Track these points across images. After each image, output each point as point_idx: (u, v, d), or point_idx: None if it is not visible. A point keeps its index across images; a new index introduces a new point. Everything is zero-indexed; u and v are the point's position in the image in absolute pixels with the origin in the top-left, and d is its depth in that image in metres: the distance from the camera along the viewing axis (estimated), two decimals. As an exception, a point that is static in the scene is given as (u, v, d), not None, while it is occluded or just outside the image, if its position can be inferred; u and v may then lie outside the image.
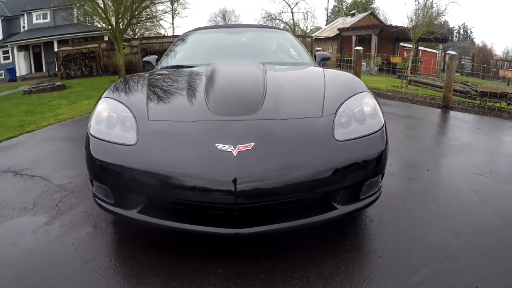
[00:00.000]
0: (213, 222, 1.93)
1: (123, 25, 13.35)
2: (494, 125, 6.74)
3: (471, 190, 3.27)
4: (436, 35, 13.26)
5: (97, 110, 2.33)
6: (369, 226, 2.53)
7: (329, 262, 2.09)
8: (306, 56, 3.80)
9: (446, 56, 8.45)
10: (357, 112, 2.25)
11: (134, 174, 1.96)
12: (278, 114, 2.13)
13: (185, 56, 3.83)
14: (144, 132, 2.07)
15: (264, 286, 1.90)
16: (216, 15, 51.17)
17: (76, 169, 3.63)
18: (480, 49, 42.78)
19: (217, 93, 2.33)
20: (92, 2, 12.80)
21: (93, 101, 8.16)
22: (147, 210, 2.02)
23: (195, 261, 2.09)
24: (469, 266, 2.11)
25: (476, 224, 2.61)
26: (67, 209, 2.81)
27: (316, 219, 1.99)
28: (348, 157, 2.04)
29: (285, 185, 1.89)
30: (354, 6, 46.72)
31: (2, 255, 2.21)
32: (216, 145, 1.91)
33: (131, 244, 2.30)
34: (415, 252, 2.22)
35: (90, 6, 13.08)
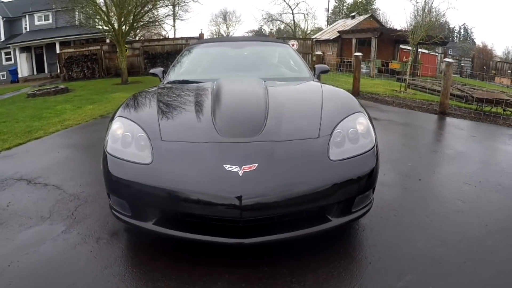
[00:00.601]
0: (220, 232, 2.16)
1: (125, 28, 13.51)
2: (489, 132, 6.84)
3: (459, 199, 3.44)
4: (435, 40, 13.41)
5: (112, 128, 2.55)
6: (361, 235, 2.74)
7: (323, 268, 2.32)
8: (305, 70, 4.00)
9: (443, 63, 8.60)
10: (351, 132, 2.47)
11: (150, 190, 2.18)
12: (279, 135, 2.36)
13: (191, 70, 4.05)
14: (158, 152, 2.29)
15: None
16: (217, 16, 51.30)
17: (87, 178, 3.82)
18: (480, 50, 42.90)
19: (223, 115, 2.54)
20: (94, 5, 12.97)
21: (97, 106, 8.44)
22: (161, 222, 2.25)
23: (203, 267, 2.32)
24: (452, 272, 2.31)
25: (462, 233, 2.80)
26: (83, 218, 2.99)
27: (313, 230, 2.23)
28: (341, 175, 2.27)
29: (285, 201, 2.13)
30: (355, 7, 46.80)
31: (25, 263, 2.39)
32: (224, 166, 2.13)
33: (145, 252, 2.50)
34: (403, 259, 2.43)
35: (92, 9, 13.25)
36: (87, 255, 2.47)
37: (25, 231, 2.82)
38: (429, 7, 12.36)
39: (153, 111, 2.68)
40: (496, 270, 2.36)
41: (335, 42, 27.91)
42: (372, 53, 21.49)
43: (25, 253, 2.50)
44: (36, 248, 2.56)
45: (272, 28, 45.33)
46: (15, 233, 2.78)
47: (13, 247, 2.58)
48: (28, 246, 2.59)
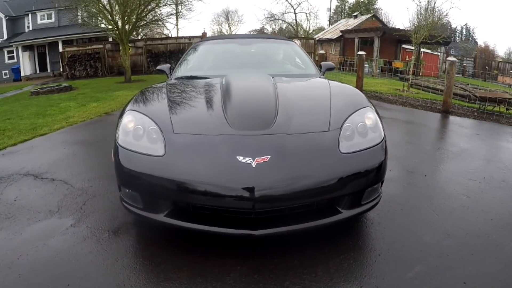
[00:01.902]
0: (232, 224, 2.19)
1: (129, 27, 13.54)
2: (492, 131, 6.88)
3: (464, 195, 3.48)
4: (438, 40, 13.42)
5: (123, 122, 2.57)
6: (370, 228, 2.77)
7: (334, 260, 2.35)
8: (312, 67, 4.03)
9: (447, 62, 8.62)
10: (360, 126, 2.52)
11: (163, 182, 2.21)
12: (290, 129, 2.39)
13: (198, 66, 4.07)
14: (171, 144, 2.31)
15: (278, 280, 2.15)
16: (219, 15, 51.45)
17: (94, 173, 3.84)
18: (482, 50, 42.87)
19: (234, 108, 2.56)
20: (97, 3, 12.99)
21: (101, 104, 8.46)
22: (173, 214, 2.28)
23: (215, 259, 2.34)
24: (459, 264, 2.35)
25: (467, 227, 2.84)
26: (92, 212, 3.00)
27: (323, 222, 2.27)
28: (351, 168, 2.31)
29: (297, 193, 2.17)
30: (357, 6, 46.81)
31: (34, 256, 2.40)
32: (237, 158, 2.16)
33: (155, 244, 2.51)
34: (411, 251, 2.47)
35: (95, 7, 13.27)
36: (97, 248, 2.48)
37: (34, 224, 2.82)
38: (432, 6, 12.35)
39: (164, 105, 2.70)
40: (502, 263, 2.40)
41: (338, 42, 27.91)
42: (375, 52, 21.52)
43: (34, 246, 2.51)
44: (45, 241, 2.57)
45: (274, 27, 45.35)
46: (23, 226, 2.79)
47: (22, 241, 2.59)
48: (37, 239, 2.60)
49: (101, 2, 12.91)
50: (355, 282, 2.15)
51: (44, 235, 2.66)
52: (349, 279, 2.17)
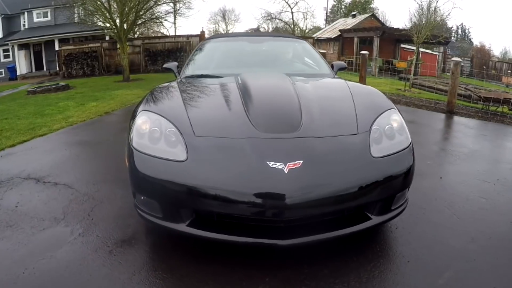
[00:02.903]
0: (259, 233, 2.05)
1: (127, 25, 13.36)
2: (498, 131, 6.85)
3: (481, 197, 3.44)
4: (440, 39, 13.37)
5: (137, 123, 2.41)
6: (395, 233, 2.69)
7: (364, 268, 2.25)
8: (325, 66, 3.91)
9: (451, 62, 8.54)
10: (388, 129, 2.43)
11: (186, 190, 2.05)
12: (318, 131, 2.27)
13: (209, 64, 3.90)
14: (193, 148, 2.15)
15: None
16: (216, 14, 51.16)
17: (100, 176, 3.69)
18: (478, 50, 42.95)
19: (257, 109, 2.42)
20: (95, 1, 12.80)
21: (101, 103, 8.30)
22: (196, 223, 2.13)
23: (241, 270, 2.19)
24: (487, 269, 2.30)
25: (489, 230, 2.80)
26: (101, 219, 2.81)
27: (353, 229, 2.15)
28: (383, 173, 2.21)
29: (330, 199, 2.04)
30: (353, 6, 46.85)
31: (41, 269, 2.20)
32: (268, 163, 2.02)
33: (175, 255, 2.34)
34: (438, 257, 2.40)
35: (93, 5, 13.07)
36: (110, 260, 2.30)
37: (38, 234, 2.62)
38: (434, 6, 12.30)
39: (180, 105, 2.54)
40: None
41: (336, 41, 27.84)
42: (374, 52, 21.44)
43: (41, 258, 2.31)
44: (53, 253, 2.37)
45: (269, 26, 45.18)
46: (27, 236, 2.59)
47: (27, 252, 2.38)
48: (44, 250, 2.40)
49: (99, 0, 12.72)
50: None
51: (50, 245, 2.46)
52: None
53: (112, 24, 13.07)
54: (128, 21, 13.34)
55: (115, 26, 13.02)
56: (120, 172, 3.72)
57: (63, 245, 2.47)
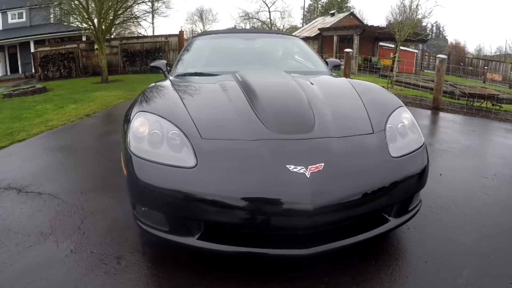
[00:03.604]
0: (278, 243, 1.88)
1: (105, 25, 13.00)
2: (486, 127, 6.96)
3: (483, 193, 3.47)
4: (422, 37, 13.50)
5: (134, 126, 2.18)
6: (407, 234, 2.60)
7: (384, 272, 2.16)
8: (321, 64, 3.80)
9: (437, 59, 8.60)
10: (400, 127, 2.32)
11: (199, 200, 1.84)
12: (333, 132, 2.13)
13: (201, 62, 3.69)
14: (202, 153, 1.96)
15: None
16: (193, 14, 50.81)
17: (87, 184, 3.44)
18: (453, 47, 43.83)
19: (266, 108, 2.25)
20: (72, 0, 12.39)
21: (81, 105, 8.00)
22: (208, 236, 1.93)
23: (258, 285, 2.02)
24: (501, 265, 2.30)
25: (497, 226, 2.81)
26: (93, 232, 2.54)
27: (374, 232, 2.02)
28: (403, 172, 2.10)
29: (354, 203, 1.91)
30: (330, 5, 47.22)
31: None
32: (288, 167, 1.85)
33: (182, 271, 2.12)
34: (454, 255, 2.38)
35: (70, 5, 12.64)
36: (110, 280, 2.04)
37: (25, 252, 2.32)
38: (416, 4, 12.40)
39: (179, 105, 2.32)
40: None
41: (316, 40, 27.90)
42: (355, 50, 21.54)
43: (31, 281, 2.03)
44: (44, 273, 2.09)
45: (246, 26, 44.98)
46: (12, 254, 2.29)
47: (14, 274, 2.10)
48: (33, 271, 2.11)
49: None
50: None
51: (40, 265, 2.17)
52: None
53: (90, 24, 12.67)
54: (106, 21, 12.97)
55: (93, 26, 12.63)
56: (109, 179, 3.52)
57: (54, 264, 2.19)
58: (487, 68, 26.43)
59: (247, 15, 40.41)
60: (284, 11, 52.92)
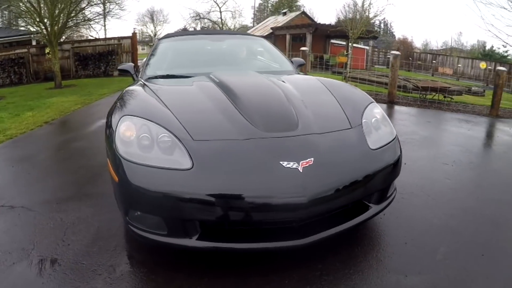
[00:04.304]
0: (275, 236, 1.96)
1: (58, 28, 12.49)
2: (440, 118, 7.39)
3: (446, 178, 3.79)
4: (374, 34, 13.98)
5: (120, 130, 2.15)
6: (384, 220, 2.81)
7: (371, 255, 2.34)
8: (287, 63, 3.91)
9: (391, 55, 8.97)
10: (374, 121, 2.50)
11: (198, 201, 1.88)
12: (316, 128, 2.25)
13: (171, 64, 3.66)
14: (197, 154, 1.98)
15: (331, 285, 2.05)
16: (144, 16, 49.80)
17: (62, 194, 3.32)
18: (401, 42, 45.57)
19: (250, 108, 2.32)
20: (24, 3, 11.78)
21: (38, 112, 7.70)
22: (206, 235, 1.96)
23: (257, 277, 2.09)
24: (472, 239, 2.59)
25: (462, 207, 3.13)
26: (79, 243, 2.44)
27: (359, 219, 2.17)
28: (382, 163, 2.27)
29: (342, 193, 2.03)
30: (280, 4, 47.82)
31: None
32: (281, 163, 1.94)
33: (180, 274, 2.12)
34: (429, 235, 2.62)
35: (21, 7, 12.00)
36: None
37: (9, 270, 2.18)
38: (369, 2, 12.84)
39: (163, 108, 2.32)
40: (505, 233, 2.73)
41: (268, 39, 27.87)
42: (308, 48, 21.97)
43: None
44: None
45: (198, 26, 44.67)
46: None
47: None
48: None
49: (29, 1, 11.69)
50: (399, 271, 2.19)
51: (28, 283, 2.06)
52: (394, 271, 2.19)
53: (42, 28, 12.11)
54: (59, 24, 12.46)
55: (45, 29, 12.10)
56: (84, 187, 3.44)
57: (43, 280, 2.08)
58: (435, 62, 27.79)
59: (198, 15, 40.11)
60: (235, 11, 53.12)
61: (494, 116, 7.93)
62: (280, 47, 21.58)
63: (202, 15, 39.75)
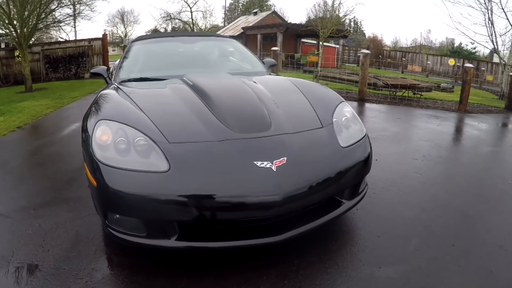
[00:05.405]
0: (251, 234, 2.03)
1: (27, 30, 12.18)
2: (409, 114, 7.64)
3: (416, 173, 3.94)
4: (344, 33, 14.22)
5: (97, 135, 2.17)
6: (357, 215, 2.92)
7: (345, 250, 2.44)
8: (259, 64, 4.00)
9: (361, 54, 9.18)
10: (344, 120, 2.60)
11: (176, 202, 1.93)
12: (288, 128, 2.33)
13: (144, 67, 3.68)
14: (173, 157, 2.02)
15: (308, 280, 2.12)
16: (114, 16, 49.04)
17: (39, 200, 3.27)
18: (371, 40, 46.32)
19: (223, 109, 2.38)
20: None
21: (9, 117, 7.55)
22: (186, 235, 2.02)
23: (235, 276, 2.14)
24: (442, 231, 2.71)
25: (433, 200, 3.27)
26: (59, 249, 2.43)
27: (332, 215, 2.27)
28: (353, 160, 2.37)
29: (315, 190, 2.12)
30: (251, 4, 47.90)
31: None
32: (255, 163, 2.01)
33: (160, 274, 2.16)
34: (401, 228, 2.73)
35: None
36: None
37: None
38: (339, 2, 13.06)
39: (138, 112, 2.35)
40: (474, 223, 2.88)
41: (239, 38, 28.18)
42: (279, 47, 22.14)
43: None
44: None
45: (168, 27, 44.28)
46: None
47: None
48: None
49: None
50: (373, 264, 2.28)
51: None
52: (368, 263, 2.28)
53: (12, 30, 11.78)
54: (28, 26, 12.15)
55: (14, 31, 11.78)
56: (60, 193, 3.41)
57: (22, 285, 2.09)
58: (405, 60, 28.45)
59: (169, 15, 39.72)
60: (206, 11, 52.90)
61: (463, 111, 8.26)
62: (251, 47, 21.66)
63: (173, 15, 39.35)
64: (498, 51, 14.29)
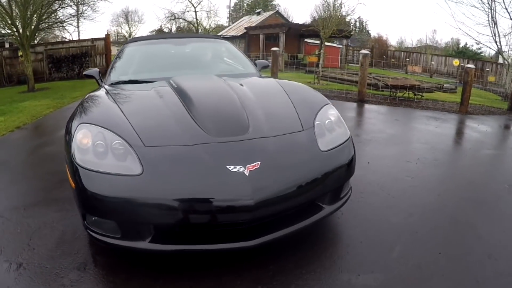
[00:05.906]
0: (225, 238, 2.03)
1: (30, 30, 12.27)
2: (408, 116, 7.56)
3: (408, 176, 3.85)
4: (346, 34, 14.20)
5: (77, 138, 2.20)
6: (342, 219, 2.87)
7: (324, 255, 2.39)
8: (250, 65, 3.99)
9: (360, 55, 9.14)
10: (328, 123, 2.56)
11: (148, 205, 1.95)
12: (267, 132, 2.31)
13: (134, 69, 3.72)
14: (147, 160, 2.04)
15: (282, 285, 2.10)
16: (118, 16, 49.10)
17: (30, 200, 3.33)
18: (376, 41, 46.20)
19: (202, 113, 2.38)
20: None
21: (9, 117, 7.60)
22: (159, 238, 2.03)
23: (210, 280, 2.14)
24: (429, 238, 2.64)
25: (422, 204, 3.18)
26: (44, 248, 2.48)
27: (310, 220, 2.23)
28: (333, 164, 2.33)
29: (290, 195, 2.09)
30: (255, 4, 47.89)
31: None
32: (228, 167, 2.01)
33: (137, 275, 2.19)
34: (386, 234, 2.67)
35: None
36: None
37: None
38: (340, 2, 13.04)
39: (119, 115, 2.38)
40: (464, 230, 2.80)
41: (242, 38, 28.35)
42: (281, 47, 22.15)
43: None
44: None
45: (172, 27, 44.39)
46: None
47: None
48: None
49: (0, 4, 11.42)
50: (353, 271, 2.23)
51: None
52: (346, 270, 2.24)
53: (14, 30, 11.87)
54: (31, 26, 12.24)
55: (17, 31, 11.87)
56: (51, 193, 3.45)
57: (9, 284, 2.13)
58: (408, 60, 28.36)
59: (173, 15, 39.84)
60: (210, 11, 52.84)
61: (463, 113, 8.12)
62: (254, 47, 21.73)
63: (177, 15, 39.49)
64: (501, 52, 14.20)
